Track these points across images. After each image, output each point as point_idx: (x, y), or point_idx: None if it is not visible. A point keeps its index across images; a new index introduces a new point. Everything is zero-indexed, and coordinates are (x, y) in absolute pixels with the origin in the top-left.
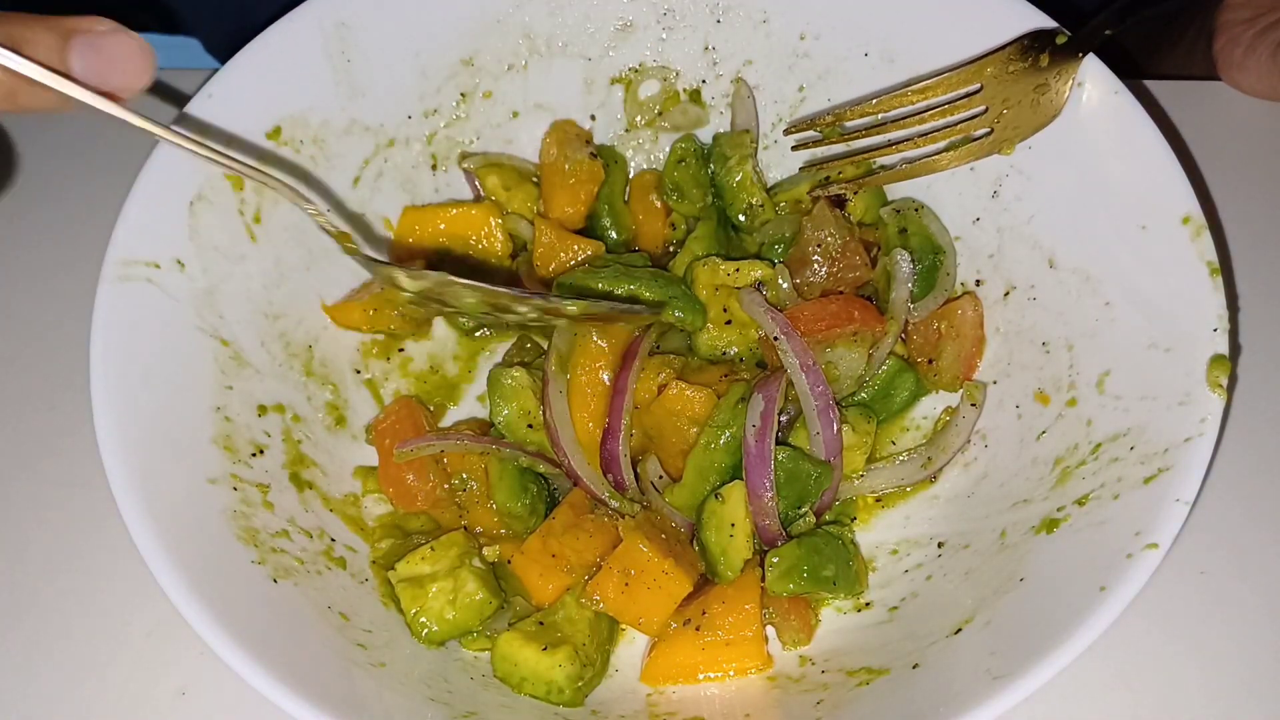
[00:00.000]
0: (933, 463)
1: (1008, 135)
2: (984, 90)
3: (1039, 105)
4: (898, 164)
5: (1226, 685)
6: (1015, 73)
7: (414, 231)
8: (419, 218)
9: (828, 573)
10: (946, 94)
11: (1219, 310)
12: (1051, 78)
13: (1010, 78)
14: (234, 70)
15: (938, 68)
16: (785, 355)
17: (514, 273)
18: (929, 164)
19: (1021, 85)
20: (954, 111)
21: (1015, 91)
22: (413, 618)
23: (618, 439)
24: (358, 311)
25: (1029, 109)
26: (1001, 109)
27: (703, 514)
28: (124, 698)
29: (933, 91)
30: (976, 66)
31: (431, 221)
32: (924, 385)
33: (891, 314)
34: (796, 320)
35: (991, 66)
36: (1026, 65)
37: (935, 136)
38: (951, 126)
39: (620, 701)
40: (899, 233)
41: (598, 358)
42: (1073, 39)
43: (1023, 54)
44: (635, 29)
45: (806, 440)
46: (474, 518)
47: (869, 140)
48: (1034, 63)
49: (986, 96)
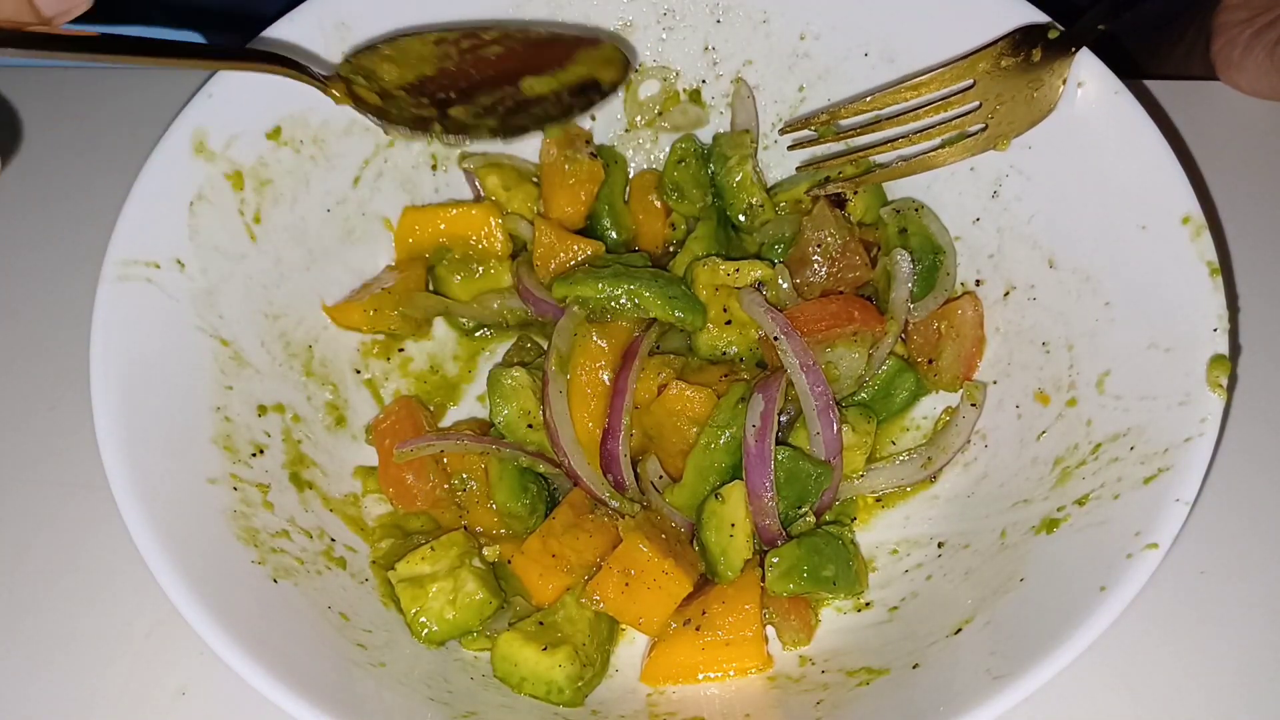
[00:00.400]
0: (933, 463)
1: (1003, 130)
2: (977, 86)
3: (1033, 101)
4: (894, 162)
5: (1226, 685)
6: (1008, 68)
7: (414, 231)
8: (419, 218)
9: (828, 573)
10: (940, 90)
11: (1219, 310)
12: (1045, 73)
13: (1003, 73)
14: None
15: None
16: (785, 355)
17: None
18: (925, 161)
19: (1015, 81)
20: (949, 108)
21: (1009, 87)
22: (413, 617)
23: (618, 439)
24: (357, 312)
25: (1023, 104)
26: (995, 104)
27: (703, 514)
28: (124, 698)
29: (926, 88)
30: (969, 62)
31: (432, 221)
32: (924, 385)
33: (891, 314)
34: (796, 320)
35: (984, 62)
36: (1019, 60)
37: (931, 133)
38: (946, 123)
39: (620, 701)
40: (899, 232)
41: (598, 357)
42: (1065, 34)
43: (1015, 49)
44: (635, 29)
45: (806, 440)
46: (474, 518)
47: (865, 138)
48: (1026, 58)
49: (980, 92)
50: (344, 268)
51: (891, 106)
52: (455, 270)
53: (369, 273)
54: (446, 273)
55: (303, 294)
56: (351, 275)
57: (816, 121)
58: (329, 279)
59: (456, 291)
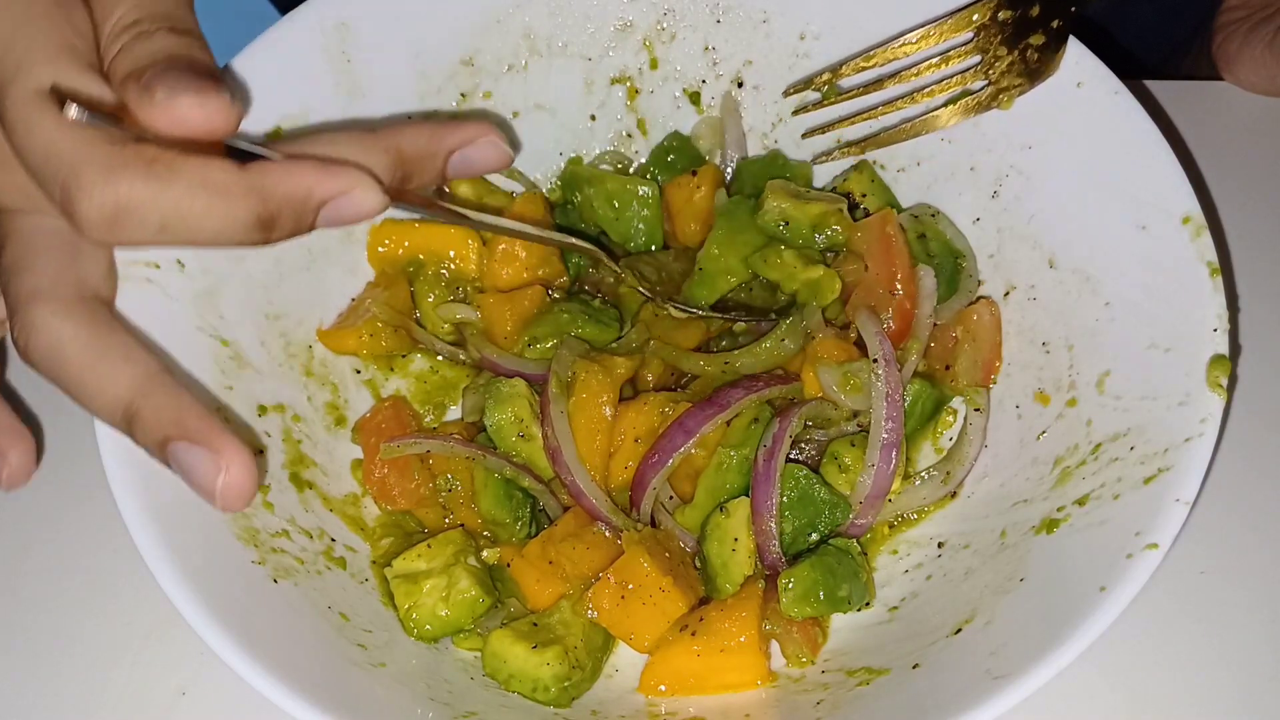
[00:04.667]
0: (952, 477)
1: (1004, 86)
2: (976, 40)
3: (1032, 58)
4: (898, 124)
5: (1226, 685)
6: (1006, 21)
7: (386, 245)
8: (389, 232)
9: (843, 593)
10: (939, 44)
11: (1219, 310)
12: (1044, 29)
13: (1000, 27)
14: (234, 70)
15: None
16: (877, 381)
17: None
18: (929, 121)
19: (1013, 36)
20: (949, 64)
21: (1008, 42)
22: (405, 614)
23: (658, 471)
24: (353, 339)
25: (1021, 61)
26: (993, 60)
27: (707, 526)
28: (124, 698)
29: (925, 41)
30: (965, 14)
31: (404, 236)
32: (946, 393)
33: (915, 332)
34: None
35: (978, 13)
36: (1017, 14)
37: (934, 90)
38: (948, 79)
39: (620, 702)
40: (918, 239)
41: (599, 390)
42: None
43: (1012, 2)
44: (635, 29)
45: (836, 473)
46: (459, 520)
47: (867, 99)
48: (1025, 12)
49: (979, 46)
50: (343, 268)
51: (893, 63)
52: (430, 288)
53: (369, 273)
54: (421, 291)
55: (303, 294)
56: (351, 276)
57: (819, 81)
58: (329, 279)
59: (428, 312)
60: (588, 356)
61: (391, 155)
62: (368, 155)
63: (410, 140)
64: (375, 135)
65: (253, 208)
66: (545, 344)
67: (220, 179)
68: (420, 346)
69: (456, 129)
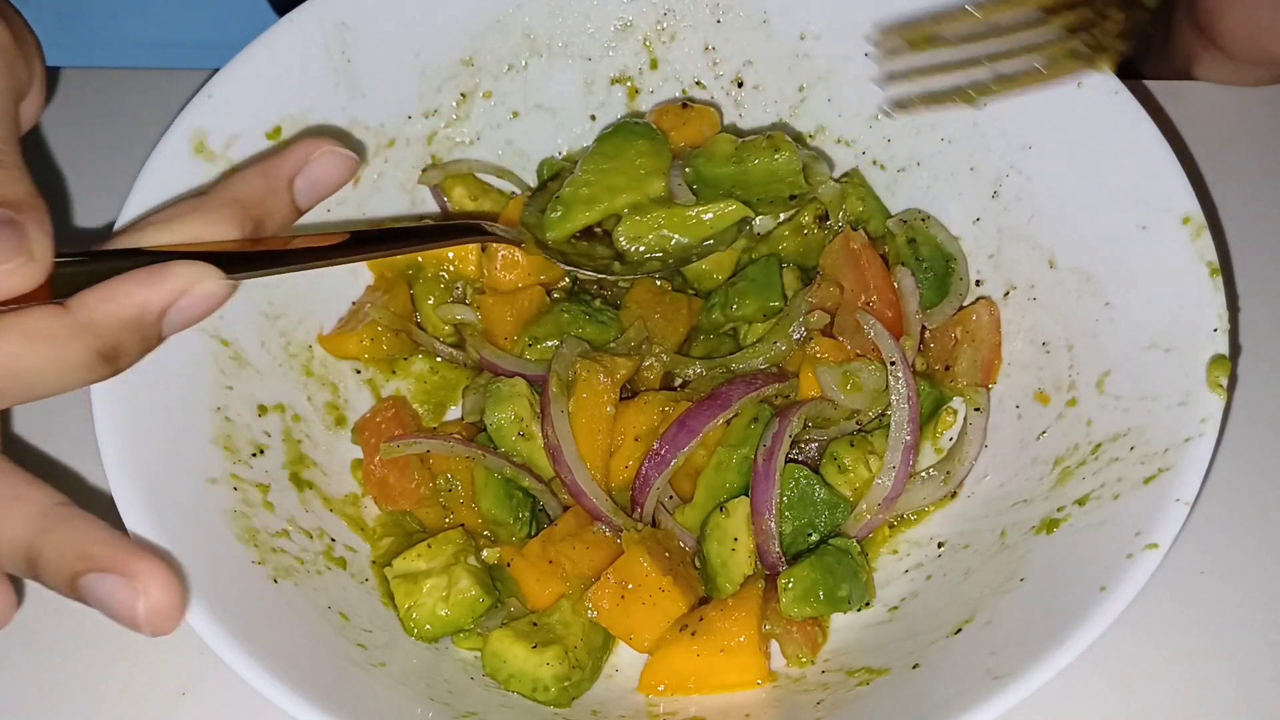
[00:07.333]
0: (952, 477)
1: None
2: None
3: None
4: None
5: (1226, 685)
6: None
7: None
8: None
9: (843, 592)
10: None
11: (1219, 310)
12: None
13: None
14: (234, 70)
15: None
16: (895, 383)
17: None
18: (1030, 76)
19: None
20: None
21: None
22: (405, 614)
23: (660, 471)
24: (353, 343)
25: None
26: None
27: (706, 526)
28: (124, 698)
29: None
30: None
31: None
32: (945, 393)
33: (906, 329)
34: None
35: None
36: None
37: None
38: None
39: (620, 702)
40: (908, 243)
41: (600, 392)
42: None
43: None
44: (635, 29)
45: (836, 472)
46: (459, 519)
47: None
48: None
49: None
50: (343, 268)
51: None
52: (430, 290)
53: (370, 274)
54: (420, 294)
55: (303, 294)
56: (351, 276)
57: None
58: (329, 282)
59: (429, 314)
60: (588, 356)
61: (231, 208)
62: (208, 217)
63: (245, 186)
64: (209, 195)
65: (89, 346)
66: (545, 344)
67: (44, 326)
68: (421, 349)
69: (286, 155)
